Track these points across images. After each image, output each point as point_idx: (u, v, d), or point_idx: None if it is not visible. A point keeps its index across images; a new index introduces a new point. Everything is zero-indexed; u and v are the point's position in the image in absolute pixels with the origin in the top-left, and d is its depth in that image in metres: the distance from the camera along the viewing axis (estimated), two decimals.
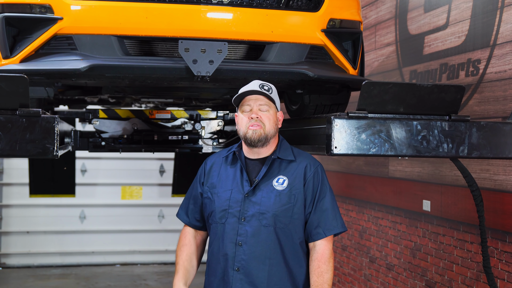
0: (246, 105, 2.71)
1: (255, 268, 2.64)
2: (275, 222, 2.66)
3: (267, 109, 2.70)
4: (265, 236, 2.65)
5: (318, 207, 2.71)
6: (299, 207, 2.69)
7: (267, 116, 2.69)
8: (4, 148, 2.56)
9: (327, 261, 2.67)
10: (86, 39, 2.93)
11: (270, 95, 2.69)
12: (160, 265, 9.17)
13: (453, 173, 4.65)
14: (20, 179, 8.55)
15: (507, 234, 4.04)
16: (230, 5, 3.06)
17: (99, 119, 4.55)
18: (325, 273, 2.65)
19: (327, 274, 2.65)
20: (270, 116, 2.70)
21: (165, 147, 4.78)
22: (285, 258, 2.68)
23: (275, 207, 2.66)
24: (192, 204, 2.87)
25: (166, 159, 8.99)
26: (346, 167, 6.59)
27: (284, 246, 2.68)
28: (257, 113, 2.68)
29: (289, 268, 2.69)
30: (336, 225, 2.72)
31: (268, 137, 2.69)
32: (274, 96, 2.73)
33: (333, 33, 3.26)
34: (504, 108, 4.09)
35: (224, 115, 4.83)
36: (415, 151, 2.91)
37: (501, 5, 4.17)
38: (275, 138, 2.77)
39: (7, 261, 8.81)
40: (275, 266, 2.66)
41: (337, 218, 2.73)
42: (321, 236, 2.69)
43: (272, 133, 2.71)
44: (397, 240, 5.49)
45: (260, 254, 2.65)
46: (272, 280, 2.65)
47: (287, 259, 2.68)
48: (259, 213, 2.66)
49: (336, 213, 2.74)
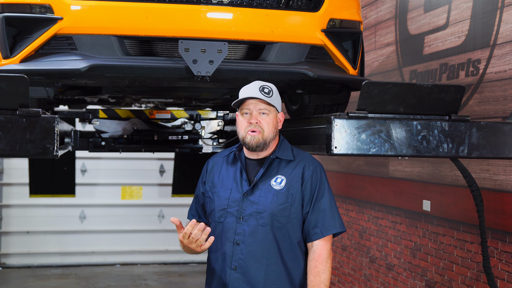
0: (246, 108, 2.70)
1: (252, 267, 2.65)
2: (272, 222, 2.66)
3: (267, 113, 2.69)
4: (262, 235, 2.65)
5: (316, 207, 2.70)
6: (296, 206, 2.69)
7: (267, 121, 2.68)
8: (4, 148, 2.56)
9: (325, 261, 2.66)
10: (86, 39, 2.93)
11: (269, 99, 2.67)
12: (160, 265, 9.17)
13: (453, 173, 4.65)
14: (20, 179, 8.55)
15: (507, 234, 4.04)
16: (230, 5, 3.06)
17: (99, 119, 4.56)
18: (322, 274, 2.64)
19: (324, 274, 2.64)
20: (270, 120, 2.69)
21: (165, 147, 4.78)
22: (282, 257, 2.68)
23: (272, 206, 2.66)
24: (198, 203, 2.90)
25: (166, 159, 8.99)
26: (346, 167, 6.59)
27: (282, 246, 2.67)
28: (256, 118, 2.68)
29: (286, 267, 2.69)
30: (334, 225, 2.70)
31: (267, 142, 2.70)
32: (275, 98, 2.71)
33: (333, 33, 3.26)
34: (504, 108, 4.09)
35: (224, 115, 4.83)
36: (415, 151, 2.91)
37: (501, 5, 4.17)
38: (275, 139, 2.77)
39: (7, 261, 8.81)
40: (272, 265, 2.66)
41: (335, 218, 2.71)
42: (319, 236, 2.69)
43: (271, 137, 2.71)
44: (397, 240, 5.49)
45: (257, 254, 2.65)
46: (269, 280, 2.65)
47: (284, 259, 2.68)
48: (256, 212, 2.66)
49: (334, 213, 2.73)
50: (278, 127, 2.77)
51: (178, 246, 9.24)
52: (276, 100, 2.73)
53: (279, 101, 2.78)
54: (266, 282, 2.65)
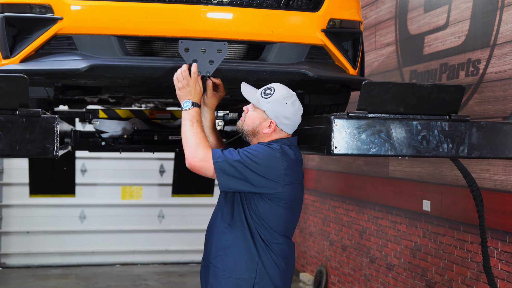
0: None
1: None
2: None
3: (253, 109, 2.93)
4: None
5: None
6: None
7: (249, 115, 2.93)
8: (4, 148, 2.56)
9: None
10: (86, 39, 2.93)
11: (261, 99, 2.87)
12: (160, 265, 9.17)
13: (453, 173, 4.65)
14: (20, 179, 8.55)
15: (507, 234, 4.04)
16: (230, 5, 3.06)
17: (99, 119, 4.55)
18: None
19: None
20: (251, 116, 2.92)
21: (165, 147, 4.78)
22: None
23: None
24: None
25: (166, 159, 8.99)
26: (346, 167, 6.59)
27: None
28: (247, 109, 2.95)
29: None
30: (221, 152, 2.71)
31: (244, 132, 2.94)
32: (266, 103, 2.86)
33: (333, 33, 3.26)
34: (504, 108, 4.09)
35: (224, 115, 4.83)
36: (415, 151, 2.91)
37: (501, 5, 4.17)
38: (259, 136, 2.89)
39: (7, 261, 8.81)
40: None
41: (230, 153, 2.71)
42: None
43: (247, 130, 2.93)
44: (397, 240, 5.49)
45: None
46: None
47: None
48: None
49: (231, 157, 2.70)
50: (260, 129, 2.88)
51: (178, 246, 9.27)
52: (268, 106, 2.85)
53: (274, 110, 2.85)
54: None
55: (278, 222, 2.82)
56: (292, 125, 2.91)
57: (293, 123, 2.91)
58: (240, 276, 2.77)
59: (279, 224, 2.83)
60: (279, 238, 2.84)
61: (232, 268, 2.79)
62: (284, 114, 2.86)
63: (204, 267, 2.95)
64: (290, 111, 2.86)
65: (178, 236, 9.28)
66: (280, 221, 2.83)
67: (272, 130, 2.87)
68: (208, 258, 2.91)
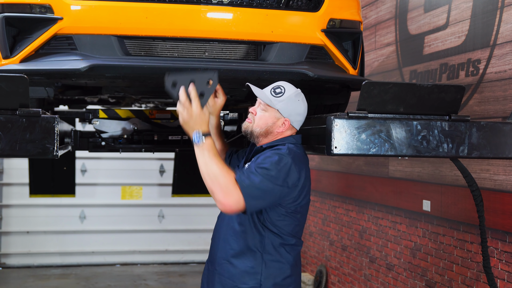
0: (257, 101, 2.93)
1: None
2: None
3: (264, 109, 2.85)
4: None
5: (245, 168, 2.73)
6: None
7: (259, 116, 2.85)
8: (4, 148, 2.56)
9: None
10: (86, 39, 2.93)
11: (273, 99, 2.81)
12: (160, 265, 9.17)
13: (453, 173, 4.65)
14: (20, 179, 8.55)
15: (507, 234, 4.04)
16: (230, 5, 3.06)
17: (99, 119, 4.55)
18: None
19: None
20: (262, 116, 2.85)
21: (165, 147, 4.78)
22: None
23: None
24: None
25: (166, 159, 8.99)
26: (346, 167, 6.59)
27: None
28: (254, 110, 2.88)
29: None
30: (244, 179, 2.60)
31: (254, 133, 2.86)
32: (279, 102, 2.81)
33: (333, 33, 3.26)
34: (504, 108, 4.09)
35: (224, 115, 4.83)
36: (415, 151, 2.91)
37: (501, 5, 4.17)
38: (272, 135, 2.84)
39: (7, 261, 8.82)
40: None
41: (250, 178, 2.60)
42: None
43: (258, 131, 2.85)
44: (397, 240, 5.49)
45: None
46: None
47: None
48: None
49: (253, 180, 2.60)
50: (274, 129, 2.84)
51: (178, 246, 9.27)
52: (281, 105, 2.81)
53: (288, 108, 2.82)
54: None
55: (289, 225, 2.82)
56: (302, 121, 2.93)
57: (303, 119, 2.93)
58: (245, 286, 2.78)
59: (290, 226, 2.83)
60: (291, 240, 2.85)
61: (237, 277, 2.78)
62: (297, 111, 2.86)
63: (208, 270, 2.94)
64: (302, 107, 2.88)
65: (178, 236, 9.28)
66: (293, 223, 2.83)
67: (286, 128, 2.86)
68: (213, 263, 2.90)
